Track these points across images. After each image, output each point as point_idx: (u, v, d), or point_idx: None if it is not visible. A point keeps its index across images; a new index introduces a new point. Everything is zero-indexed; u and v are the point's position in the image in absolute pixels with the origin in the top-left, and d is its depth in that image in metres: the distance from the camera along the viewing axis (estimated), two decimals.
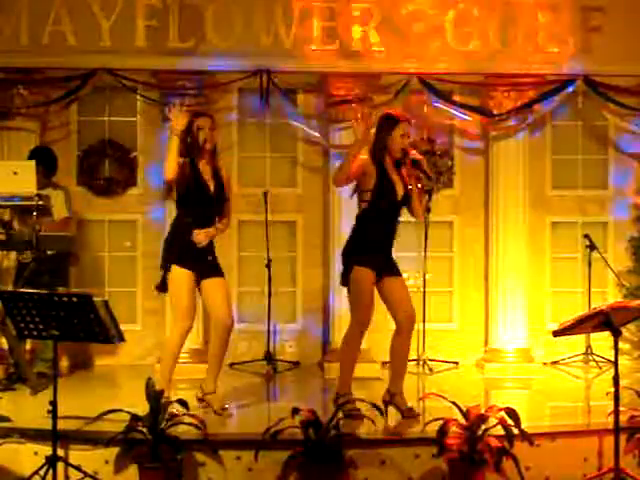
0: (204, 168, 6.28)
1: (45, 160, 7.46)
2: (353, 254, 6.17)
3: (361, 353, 6.43)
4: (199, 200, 6.25)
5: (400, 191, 6.15)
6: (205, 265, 6.27)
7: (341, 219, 8.26)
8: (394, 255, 6.29)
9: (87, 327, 5.21)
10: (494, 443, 5.42)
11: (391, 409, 6.15)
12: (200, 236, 6.21)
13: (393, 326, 6.24)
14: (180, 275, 6.19)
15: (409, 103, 8.41)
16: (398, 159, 6.14)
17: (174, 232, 6.32)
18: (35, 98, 8.19)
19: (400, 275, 6.26)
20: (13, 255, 7.54)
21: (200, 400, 6.30)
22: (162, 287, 6.29)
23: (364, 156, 6.17)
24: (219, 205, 6.35)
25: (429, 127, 8.64)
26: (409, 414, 6.12)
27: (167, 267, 6.24)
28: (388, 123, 6.17)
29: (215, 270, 6.33)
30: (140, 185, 8.65)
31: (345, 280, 6.19)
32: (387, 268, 6.18)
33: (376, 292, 6.20)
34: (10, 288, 7.06)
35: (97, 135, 8.61)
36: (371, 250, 6.13)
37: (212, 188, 6.27)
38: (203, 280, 6.27)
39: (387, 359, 7.87)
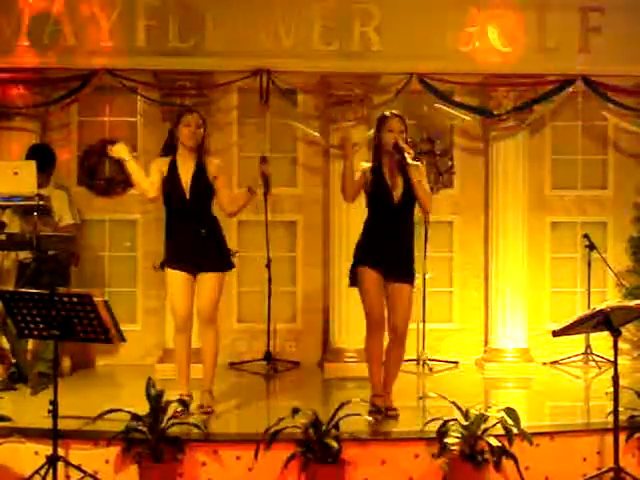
0: (184, 166, 6.21)
1: (42, 157, 7.43)
2: (357, 255, 6.23)
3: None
4: (176, 200, 6.22)
5: (397, 194, 6.13)
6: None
7: (341, 219, 8.26)
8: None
9: (87, 327, 5.22)
10: (494, 443, 5.43)
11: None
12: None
13: None
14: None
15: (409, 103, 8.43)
16: (399, 160, 6.11)
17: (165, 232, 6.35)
18: (35, 98, 8.19)
19: (406, 282, 6.16)
20: (13, 255, 7.53)
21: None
22: None
23: (366, 164, 6.23)
24: (199, 203, 6.23)
25: (429, 127, 8.65)
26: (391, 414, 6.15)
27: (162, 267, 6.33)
28: (379, 122, 6.23)
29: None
30: None
31: (351, 281, 6.24)
32: (394, 272, 6.14)
33: None
34: (11, 288, 7.07)
35: (97, 135, 8.61)
36: (374, 251, 6.14)
37: (188, 187, 6.18)
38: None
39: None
